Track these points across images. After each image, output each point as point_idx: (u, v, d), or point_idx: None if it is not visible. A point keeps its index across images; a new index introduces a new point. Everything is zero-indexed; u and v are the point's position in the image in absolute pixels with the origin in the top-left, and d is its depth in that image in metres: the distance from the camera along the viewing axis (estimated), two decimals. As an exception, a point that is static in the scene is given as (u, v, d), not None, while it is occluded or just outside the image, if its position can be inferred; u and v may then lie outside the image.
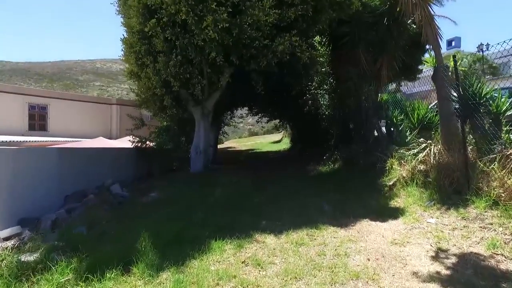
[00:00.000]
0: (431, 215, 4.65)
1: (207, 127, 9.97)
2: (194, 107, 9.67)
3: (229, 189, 7.39)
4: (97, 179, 7.99)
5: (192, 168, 9.81)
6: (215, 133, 14.57)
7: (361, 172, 7.94)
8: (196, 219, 5.07)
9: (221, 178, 8.64)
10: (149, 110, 9.46)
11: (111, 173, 8.67)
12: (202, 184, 7.93)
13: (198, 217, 5.20)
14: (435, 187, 5.27)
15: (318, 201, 6.16)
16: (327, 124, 11.94)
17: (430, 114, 7.35)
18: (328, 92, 12.01)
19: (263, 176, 9.89)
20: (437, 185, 5.27)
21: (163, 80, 8.49)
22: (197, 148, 9.76)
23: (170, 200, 6.60)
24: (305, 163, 12.76)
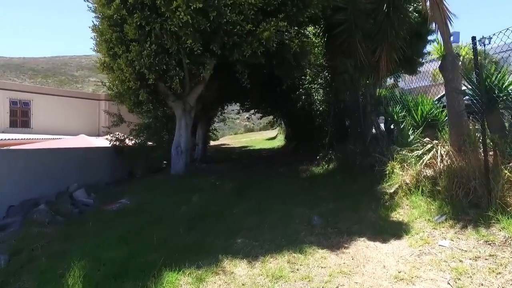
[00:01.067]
0: (444, 235, 3.70)
1: (189, 124, 8.98)
2: (174, 102, 8.68)
3: (209, 195, 6.43)
4: (62, 184, 7.01)
5: (173, 169, 8.84)
6: (204, 130, 13.57)
7: (358, 175, 6.98)
8: (156, 238, 4.10)
9: (202, 181, 7.68)
10: (125, 106, 8.42)
11: (81, 176, 7.69)
12: (180, 189, 6.97)
13: (160, 235, 4.23)
14: (446, 198, 4.31)
15: (308, 212, 5.19)
16: (321, 120, 10.97)
17: (436, 110, 6.38)
18: (322, 86, 11.01)
19: (251, 177, 8.92)
20: (449, 195, 4.31)
21: (137, 72, 7.49)
22: (178, 147, 8.78)
23: (136, 210, 5.63)
24: (298, 162, 11.80)
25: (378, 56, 9.16)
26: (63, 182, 6.93)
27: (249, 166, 11.98)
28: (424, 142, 5.91)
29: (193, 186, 7.25)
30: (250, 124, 39.62)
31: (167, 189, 7.04)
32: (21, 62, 58.36)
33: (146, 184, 7.79)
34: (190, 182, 7.68)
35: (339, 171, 8.07)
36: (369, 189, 5.91)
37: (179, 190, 6.90)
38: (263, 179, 8.46)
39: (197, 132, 13.67)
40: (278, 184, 7.69)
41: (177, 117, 8.87)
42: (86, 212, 5.78)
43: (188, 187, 7.14)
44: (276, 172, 9.97)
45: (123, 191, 7.44)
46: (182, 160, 8.76)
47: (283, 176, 9.03)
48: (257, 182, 8.08)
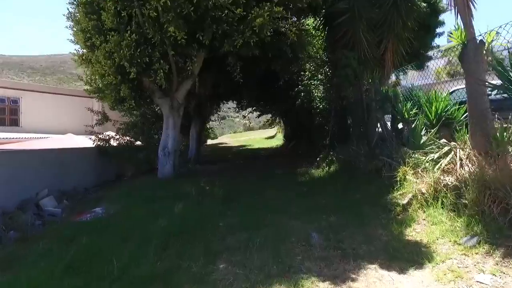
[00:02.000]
0: (480, 265, 2.86)
1: (178, 123, 8.14)
2: (161, 99, 7.83)
3: (194, 203, 5.59)
4: (31, 190, 6.17)
5: (160, 172, 8.00)
6: (198, 129, 12.72)
7: (362, 180, 6.15)
8: (117, 264, 3.26)
9: (190, 186, 6.84)
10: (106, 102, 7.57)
11: (55, 180, 6.85)
12: (163, 196, 6.14)
13: (123, 259, 3.39)
14: (476, 214, 3.47)
15: (305, 226, 4.36)
16: (321, 119, 10.12)
17: (452, 107, 5.53)
18: (322, 82, 10.15)
19: (245, 181, 8.08)
20: (479, 211, 3.48)
21: (117, 65, 6.65)
22: (165, 148, 7.94)
23: (107, 222, 4.80)
24: (296, 164, 10.96)
25: (383, 49, 8.32)
26: (33, 188, 6.11)
27: (244, 167, 11.14)
28: (440, 144, 5.07)
29: (179, 192, 6.41)
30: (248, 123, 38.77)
31: (149, 195, 6.20)
32: (20, 61, 57.50)
33: (128, 189, 6.96)
34: (177, 187, 6.85)
35: (341, 175, 7.23)
36: (376, 198, 5.08)
37: (162, 197, 6.07)
38: (257, 183, 7.61)
39: (191, 131, 12.83)
40: (273, 189, 6.85)
41: (164, 115, 8.03)
42: (49, 225, 4.95)
43: (173, 193, 6.30)
44: (272, 174, 9.12)
45: (101, 198, 6.61)
46: (169, 162, 7.92)
47: (280, 179, 8.18)
48: (251, 187, 7.24)
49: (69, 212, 5.68)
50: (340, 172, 7.66)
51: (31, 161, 6.27)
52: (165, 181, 7.50)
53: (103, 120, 8.98)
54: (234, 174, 9.52)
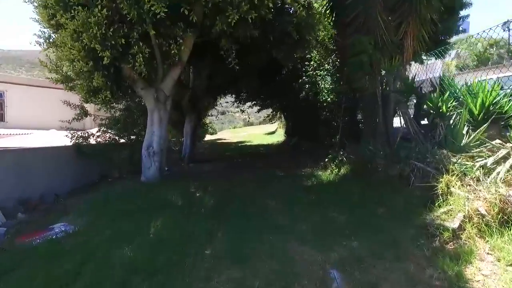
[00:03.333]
0: None
1: (165, 118, 6.91)
2: (144, 90, 6.60)
3: (176, 220, 4.39)
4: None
5: (144, 174, 6.80)
6: (193, 125, 11.50)
7: (384, 188, 4.96)
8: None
9: (176, 193, 5.67)
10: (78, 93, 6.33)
11: (15, 187, 5.66)
12: (142, 207, 4.94)
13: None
14: None
15: (319, 256, 3.18)
16: (328, 114, 8.90)
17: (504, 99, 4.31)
18: (330, 73, 8.91)
19: (242, 185, 6.87)
20: None
21: (88, 49, 5.41)
22: (150, 147, 6.73)
23: (59, 249, 3.61)
24: (300, 163, 9.75)
25: (402, 33, 7.09)
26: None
27: (242, 167, 9.94)
28: (492, 145, 3.86)
29: (162, 201, 5.22)
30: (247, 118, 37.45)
31: (125, 206, 5.00)
32: (19, 55, 56.07)
33: (104, 196, 5.76)
34: (160, 194, 5.65)
35: (355, 180, 6.03)
36: (408, 215, 3.88)
37: (141, 208, 4.87)
38: (256, 189, 6.40)
39: (185, 127, 11.60)
40: (274, 197, 5.65)
41: (149, 109, 6.80)
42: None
43: (154, 203, 5.11)
44: (273, 176, 7.91)
45: (69, 208, 5.42)
46: (154, 163, 6.71)
47: (282, 183, 6.98)
48: (248, 193, 6.03)
49: (19, 230, 4.50)
50: (353, 176, 6.46)
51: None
52: (149, 186, 6.30)
53: (81, 114, 7.76)
54: (230, 175, 8.31)
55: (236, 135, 29.68)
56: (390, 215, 4.07)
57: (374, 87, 6.97)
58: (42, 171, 6.32)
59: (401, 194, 4.48)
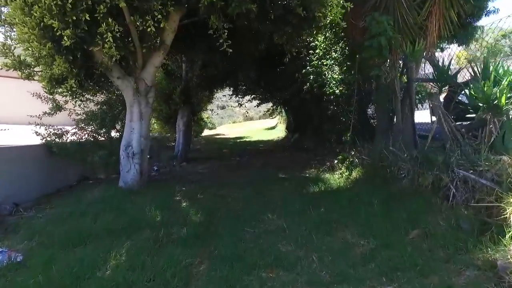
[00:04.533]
0: None
1: (147, 113, 5.79)
2: (121, 80, 5.46)
3: (144, 248, 3.30)
4: None
5: (122, 179, 5.72)
6: (186, 120, 10.38)
7: (412, 201, 3.87)
8: None
9: (157, 204, 4.58)
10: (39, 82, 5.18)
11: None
12: (108, 227, 3.85)
13: None
14: None
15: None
16: (336, 108, 7.77)
17: None
18: (338, 62, 7.76)
19: (237, 192, 5.78)
20: None
21: (44, 26, 4.28)
22: (128, 147, 5.62)
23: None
24: (303, 163, 8.68)
25: (427, 12, 5.95)
26: None
27: (239, 167, 8.85)
28: None
29: (135, 217, 4.13)
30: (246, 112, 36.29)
31: (85, 225, 3.90)
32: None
33: (67, 209, 4.67)
34: (136, 206, 4.57)
35: (372, 187, 4.92)
36: (460, 248, 2.79)
37: (104, 229, 3.77)
38: (253, 198, 5.31)
39: (177, 123, 10.49)
40: (274, 210, 4.56)
41: (127, 102, 5.68)
42: None
43: (124, 220, 4.02)
44: (273, 179, 6.82)
45: (23, 224, 4.32)
46: (134, 166, 5.62)
47: (284, 188, 5.89)
48: (244, 205, 4.95)
49: None
50: (367, 181, 5.37)
51: None
52: (126, 194, 5.21)
53: (54, 108, 6.63)
54: (225, 177, 7.23)
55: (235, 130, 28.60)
56: (432, 245, 2.99)
57: (392, 76, 5.85)
58: (16, 173, 5.27)
59: (440, 213, 3.38)
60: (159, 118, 10.89)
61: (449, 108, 4.79)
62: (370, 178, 5.47)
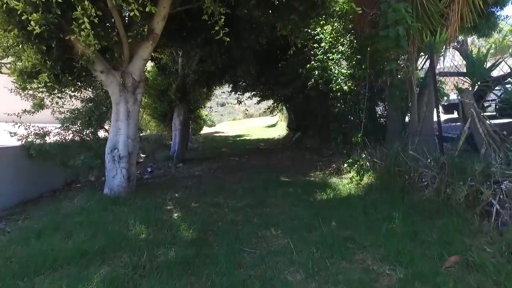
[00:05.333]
0: None
1: (135, 112, 5.13)
2: (105, 74, 4.80)
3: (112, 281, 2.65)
4: None
5: (107, 185, 5.08)
6: (183, 119, 9.72)
7: (441, 218, 3.23)
8: None
9: (141, 218, 3.94)
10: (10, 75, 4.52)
11: None
12: (81, 248, 3.21)
13: None
14: None
15: None
16: (343, 106, 7.11)
17: None
18: (346, 56, 7.10)
19: (235, 200, 5.13)
20: None
21: (8, 9, 3.62)
22: (114, 149, 4.98)
23: None
24: (305, 165, 8.07)
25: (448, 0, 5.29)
26: None
27: (238, 169, 8.19)
28: None
29: (117, 234, 3.49)
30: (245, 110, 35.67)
31: (51, 247, 3.26)
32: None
33: (35, 223, 4.03)
34: (119, 219, 3.93)
35: (389, 196, 4.29)
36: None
37: (78, 251, 3.13)
38: (252, 208, 4.65)
39: (173, 122, 9.83)
40: (278, 224, 3.92)
41: (113, 100, 5.03)
42: None
43: (105, 238, 3.38)
44: (275, 183, 6.16)
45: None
46: (121, 171, 4.97)
47: (287, 196, 5.24)
48: (242, 217, 4.29)
49: None
50: (382, 189, 4.72)
51: None
52: (109, 203, 4.56)
53: (36, 106, 5.97)
54: (222, 182, 6.59)
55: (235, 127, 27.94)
56: (480, 279, 2.35)
57: (409, 70, 5.18)
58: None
59: (482, 235, 2.75)
60: (154, 116, 10.23)
61: (479, 106, 4.14)
62: (385, 185, 4.83)
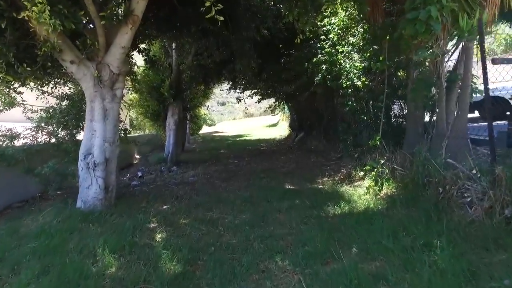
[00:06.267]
0: None
1: (113, 110, 4.29)
2: (77, 66, 3.96)
3: None
4: None
5: (81, 197, 4.24)
6: (177, 118, 8.88)
7: (504, 250, 2.39)
8: None
9: (113, 242, 3.10)
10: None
11: None
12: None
13: None
14: None
15: None
16: (355, 104, 6.26)
17: None
18: (358, 48, 6.26)
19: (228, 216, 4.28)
20: None
21: None
22: (89, 155, 4.14)
23: None
24: (311, 169, 7.25)
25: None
26: None
27: (236, 174, 7.35)
28: None
29: (75, 271, 2.65)
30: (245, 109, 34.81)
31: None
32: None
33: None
34: (85, 246, 3.09)
35: (420, 214, 3.45)
36: None
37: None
38: (252, 226, 3.82)
39: (167, 121, 9.00)
40: (285, 248, 3.10)
41: (87, 96, 4.20)
42: None
43: (57, 277, 2.55)
44: (278, 194, 5.29)
45: None
46: (96, 180, 4.14)
47: (293, 208, 4.42)
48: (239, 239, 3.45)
49: None
50: (410, 204, 3.88)
51: None
52: (81, 219, 3.73)
53: (5, 103, 5.14)
54: (219, 190, 5.75)
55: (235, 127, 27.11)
56: None
57: (439, 62, 4.34)
58: None
59: None
60: (146, 115, 9.39)
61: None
62: (412, 198, 3.99)
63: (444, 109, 4.59)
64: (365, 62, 5.75)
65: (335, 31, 6.91)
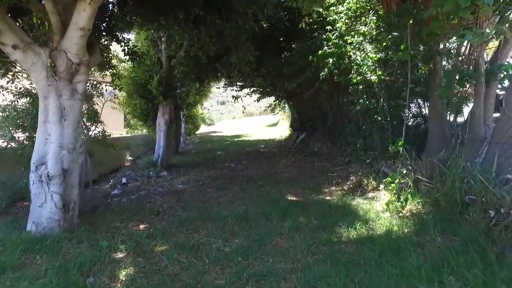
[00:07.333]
0: None
1: (73, 109, 3.39)
2: (23, 52, 3.07)
3: None
4: None
5: (32, 217, 3.34)
6: (168, 118, 8.00)
7: None
8: None
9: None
10: None
11: None
12: None
13: None
14: None
15: None
16: (367, 102, 5.35)
17: None
18: (371, 37, 5.36)
19: (215, 244, 3.40)
20: None
21: None
22: (41, 165, 3.25)
23: None
24: (316, 176, 6.39)
25: None
26: None
27: (232, 181, 6.45)
28: None
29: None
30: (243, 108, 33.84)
31: None
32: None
33: None
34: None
35: (468, 247, 2.57)
36: None
37: None
38: (247, 257, 2.95)
39: (157, 121, 8.11)
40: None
41: (38, 91, 3.31)
42: None
43: None
44: (279, 209, 4.38)
45: None
46: (51, 197, 3.26)
47: (297, 230, 3.54)
48: (229, 279, 2.58)
49: None
50: (445, 228, 3.01)
51: None
52: (27, 249, 2.86)
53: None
54: (210, 203, 4.86)
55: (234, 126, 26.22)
56: None
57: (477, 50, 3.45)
58: None
59: None
60: (135, 115, 8.50)
61: None
62: (448, 221, 3.11)
63: (482, 107, 3.72)
64: (380, 53, 4.85)
65: (342, 20, 6.03)
